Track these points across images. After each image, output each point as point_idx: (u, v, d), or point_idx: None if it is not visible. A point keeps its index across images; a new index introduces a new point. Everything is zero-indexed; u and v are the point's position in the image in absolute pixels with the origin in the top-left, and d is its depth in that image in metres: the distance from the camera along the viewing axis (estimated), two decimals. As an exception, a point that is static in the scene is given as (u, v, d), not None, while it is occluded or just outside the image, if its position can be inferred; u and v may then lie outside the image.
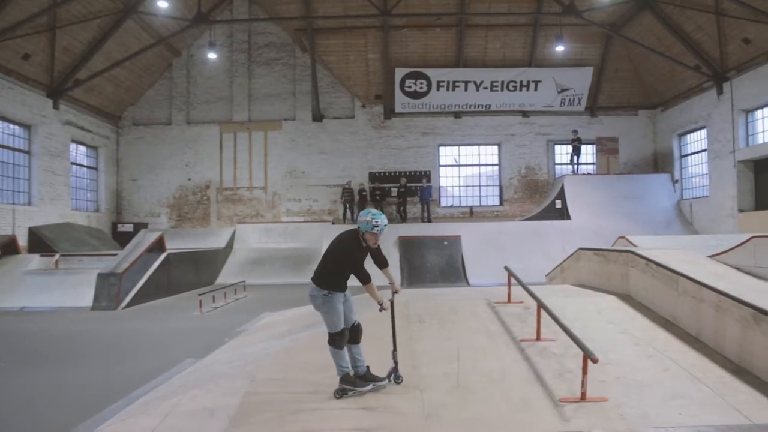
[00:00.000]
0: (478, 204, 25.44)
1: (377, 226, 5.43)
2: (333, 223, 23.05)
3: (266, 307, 12.91)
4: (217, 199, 25.27)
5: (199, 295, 13.85)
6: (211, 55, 23.27)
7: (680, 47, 21.03)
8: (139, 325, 11.57)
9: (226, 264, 21.37)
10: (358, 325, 5.68)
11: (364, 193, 23.60)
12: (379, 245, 5.70)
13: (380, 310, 5.58)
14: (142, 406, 5.62)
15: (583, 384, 5.28)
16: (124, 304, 14.11)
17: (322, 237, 21.02)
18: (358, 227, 5.53)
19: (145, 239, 16.44)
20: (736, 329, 6.11)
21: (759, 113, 19.26)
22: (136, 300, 14.57)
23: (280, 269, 20.76)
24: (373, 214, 5.49)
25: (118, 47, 21.48)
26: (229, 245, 22.34)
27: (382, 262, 5.82)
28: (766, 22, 16.91)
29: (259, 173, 25.26)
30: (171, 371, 7.20)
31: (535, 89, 24.23)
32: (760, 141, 19.11)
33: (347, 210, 23.36)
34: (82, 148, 23.42)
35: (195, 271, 18.74)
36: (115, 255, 16.10)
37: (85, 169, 23.77)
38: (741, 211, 19.45)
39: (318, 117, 25.05)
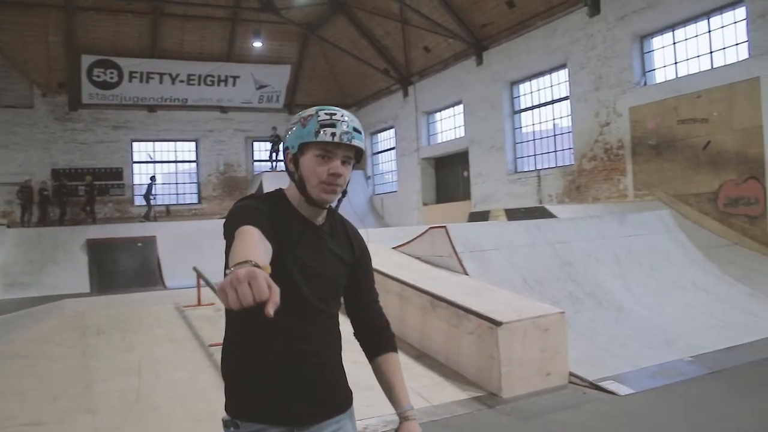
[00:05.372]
0: (176, 202, 24.32)
1: (334, 125, 1.84)
2: (9, 227, 20.18)
3: None
4: None
5: None
6: None
7: (371, 51, 22.27)
8: None
9: None
10: None
11: (45, 193, 21.01)
12: (361, 249, 2.11)
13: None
14: None
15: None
16: None
17: (-8, 243, 18.42)
18: (285, 161, 1.97)
19: None
20: (416, 316, 6.43)
21: (437, 115, 21.24)
22: None
23: (-62, 283, 17.63)
24: (321, 108, 1.94)
25: None
26: None
27: (369, 314, 2.13)
28: (442, 34, 18.60)
29: None
30: None
31: (234, 85, 23.78)
32: (440, 140, 21.09)
33: (26, 213, 20.61)
34: None
35: None
36: None
37: None
38: (424, 204, 21.26)
39: (-14, 105, 21.76)
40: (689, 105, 12.02)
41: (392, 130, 23.63)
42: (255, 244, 1.59)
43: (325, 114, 1.87)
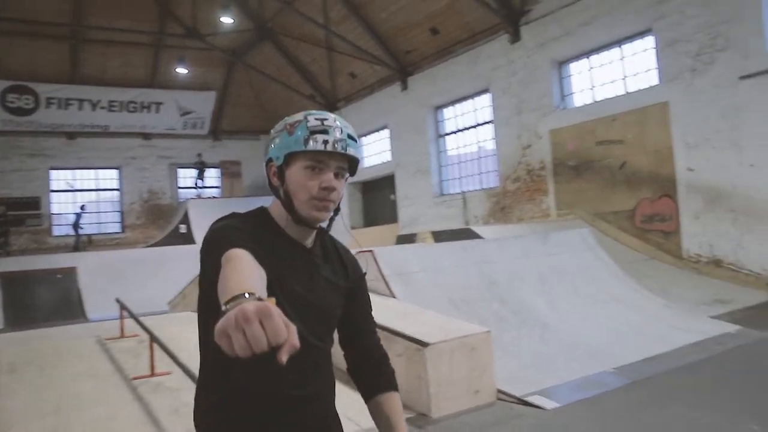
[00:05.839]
0: (98, 231, 23.49)
1: (326, 131, 1.62)
2: None
3: None
4: None
5: None
6: None
7: (297, 77, 22.31)
8: None
9: None
10: None
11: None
12: (363, 283, 1.96)
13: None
14: None
15: (199, 418, 4.95)
16: None
17: None
18: (269, 174, 1.72)
19: None
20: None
21: (364, 140, 21.36)
22: None
23: None
24: (308, 112, 1.70)
25: None
26: None
27: (368, 350, 1.93)
28: (367, 60, 18.81)
29: None
30: None
31: (157, 111, 23.34)
32: (366, 165, 21.20)
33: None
34: None
35: None
36: None
37: None
38: (352, 228, 21.27)
39: None
40: (605, 127, 12.53)
41: (319, 156, 23.59)
42: (251, 272, 1.35)
43: (315, 119, 1.64)
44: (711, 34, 10.69)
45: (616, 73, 12.86)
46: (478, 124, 16.54)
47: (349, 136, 1.65)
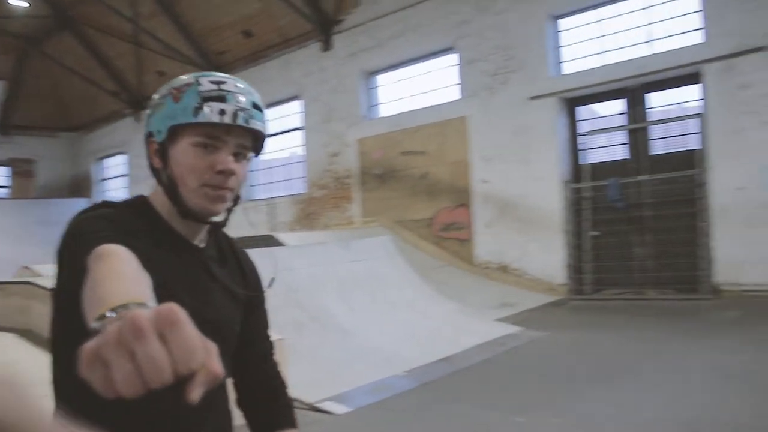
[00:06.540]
0: None
1: (223, 98, 1.25)
2: None
3: None
4: None
5: None
6: None
7: (101, 72, 20.94)
8: None
9: None
10: None
11: None
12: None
13: None
14: None
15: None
16: None
17: None
18: (149, 153, 1.36)
19: None
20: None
21: (173, 141, 20.54)
22: None
23: None
24: (201, 74, 1.33)
25: None
26: None
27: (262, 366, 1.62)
28: (177, 59, 18.10)
29: None
30: None
31: (-68, 100, 20.84)
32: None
33: None
34: None
35: None
36: None
37: None
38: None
39: None
40: (410, 138, 13.05)
41: (123, 156, 22.35)
42: (133, 274, 0.97)
43: (210, 82, 1.27)
44: (505, 57, 11.55)
45: (421, 87, 13.46)
46: (288, 130, 16.49)
47: (254, 105, 1.30)
